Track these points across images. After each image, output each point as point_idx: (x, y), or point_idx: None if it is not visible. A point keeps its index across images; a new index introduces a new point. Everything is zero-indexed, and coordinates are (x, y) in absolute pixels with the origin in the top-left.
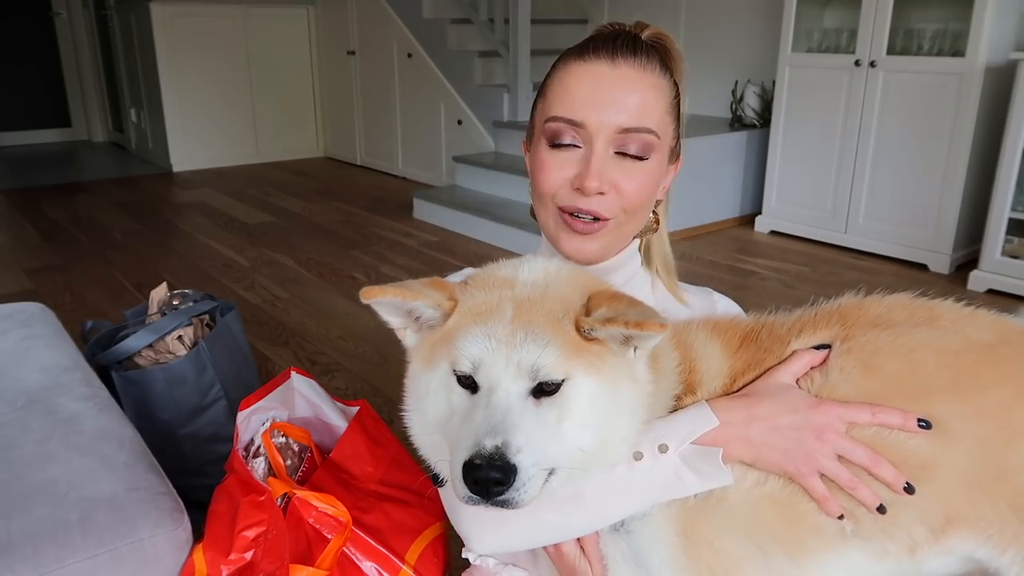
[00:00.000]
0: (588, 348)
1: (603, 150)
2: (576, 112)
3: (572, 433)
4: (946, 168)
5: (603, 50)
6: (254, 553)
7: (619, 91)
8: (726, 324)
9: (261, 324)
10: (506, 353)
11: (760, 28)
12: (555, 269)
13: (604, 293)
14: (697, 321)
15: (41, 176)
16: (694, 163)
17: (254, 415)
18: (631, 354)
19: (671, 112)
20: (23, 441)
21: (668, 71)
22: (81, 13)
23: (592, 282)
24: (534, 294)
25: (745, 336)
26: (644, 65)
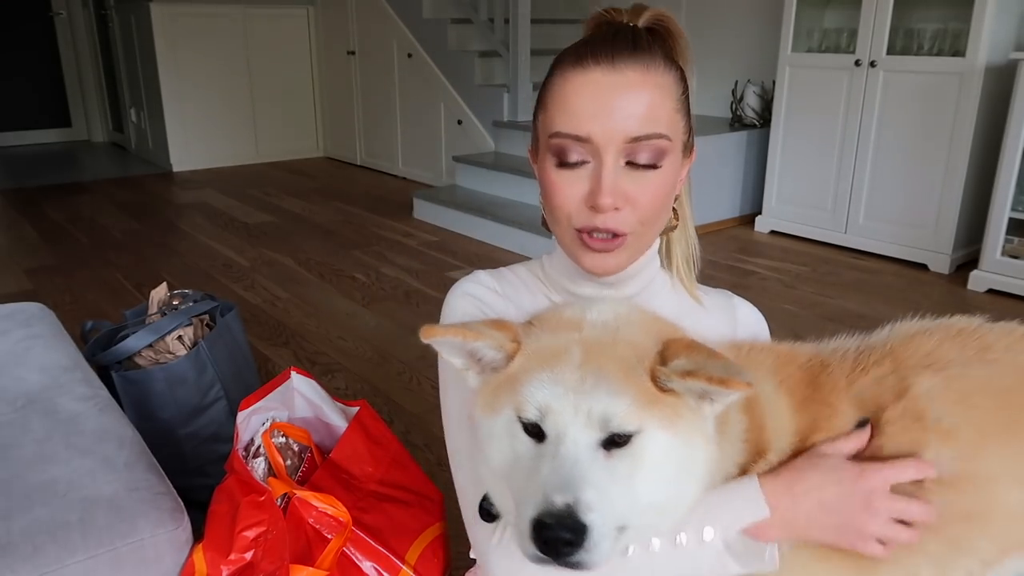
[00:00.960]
0: (663, 400)
1: (613, 163)
2: (580, 127)
3: (644, 489)
4: (946, 168)
5: (602, 54)
6: (254, 553)
7: (623, 98)
8: (787, 371)
9: (261, 324)
10: (575, 400)
11: (760, 28)
12: (625, 311)
13: (680, 342)
14: (760, 371)
15: (41, 176)
16: (694, 163)
17: (254, 415)
18: (706, 410)
19: (680, 107)
20: (23, 441)
21: (673, 62)
22: (81, 13)
23: (666, 328)
24: (604, 337)
25: (807, 385)
26: (647, 64)
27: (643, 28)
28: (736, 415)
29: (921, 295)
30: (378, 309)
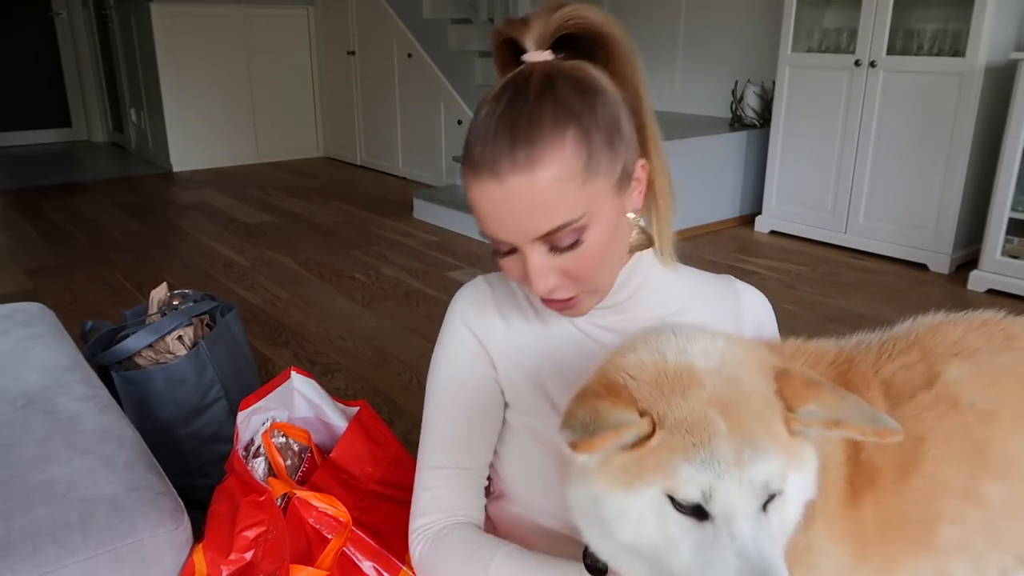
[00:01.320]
0: (793, 442)
1: (536, 256)
2: (491, 231)
3: (790, 531)
4: (946, 168)
5: (487, 162)
6: (254, 553)
7: (515, 212)
8: (819, 372)
9: (261, 324)
10: (738, 475)
11: (760, 28)
12: (724, 347)
13: (795, 379)
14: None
15: (41, 176)
16: (694, 163)
17: (254, 415)
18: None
19: (588, 170)
20: (23, 441)
21: (579, 106)
22: (81, 13)
23: (764, 356)
24: (732, 392)
25: (839, 383)
26: (531, 161)
27: (540, 73)
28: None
29: (921, 295)
30: (378, 309)
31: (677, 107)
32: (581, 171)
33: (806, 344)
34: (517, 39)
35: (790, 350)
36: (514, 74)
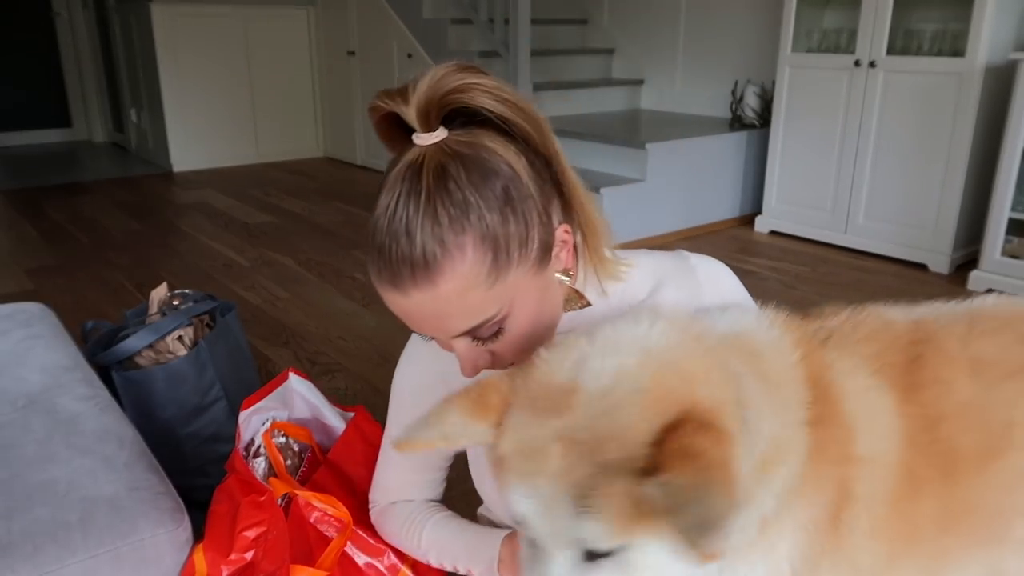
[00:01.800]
0: (645, 505)
1: (460, 346)
2: (413, 329)
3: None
4: (946, 168)
5: (387, 276)
6: (254, 553)
7: (426, 319)
8: (884, 354)
9: (261, 324)
10: (551, 520)
11: (760, 28)
12: (633, 367)
13: (686, 427)
14: (848, 358)
15: (41, 176)
16: (694, 163)
17: (255, 415)
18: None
19: (503, 254)
20: (23, 441)
21: (476, 204)
22: (81, 13)
23: (683, 392)
24: (595, 427)
25: (909, 365)
26: (435, 278)
27: (433, 166)
28: (795, 434)
29: (921, 295)
30: (378, 309)
31: (677, 107)
32: (487, 275)
33: (863, 315)
34: (401, 116)
35: (851, 324)
36: (407, 161)
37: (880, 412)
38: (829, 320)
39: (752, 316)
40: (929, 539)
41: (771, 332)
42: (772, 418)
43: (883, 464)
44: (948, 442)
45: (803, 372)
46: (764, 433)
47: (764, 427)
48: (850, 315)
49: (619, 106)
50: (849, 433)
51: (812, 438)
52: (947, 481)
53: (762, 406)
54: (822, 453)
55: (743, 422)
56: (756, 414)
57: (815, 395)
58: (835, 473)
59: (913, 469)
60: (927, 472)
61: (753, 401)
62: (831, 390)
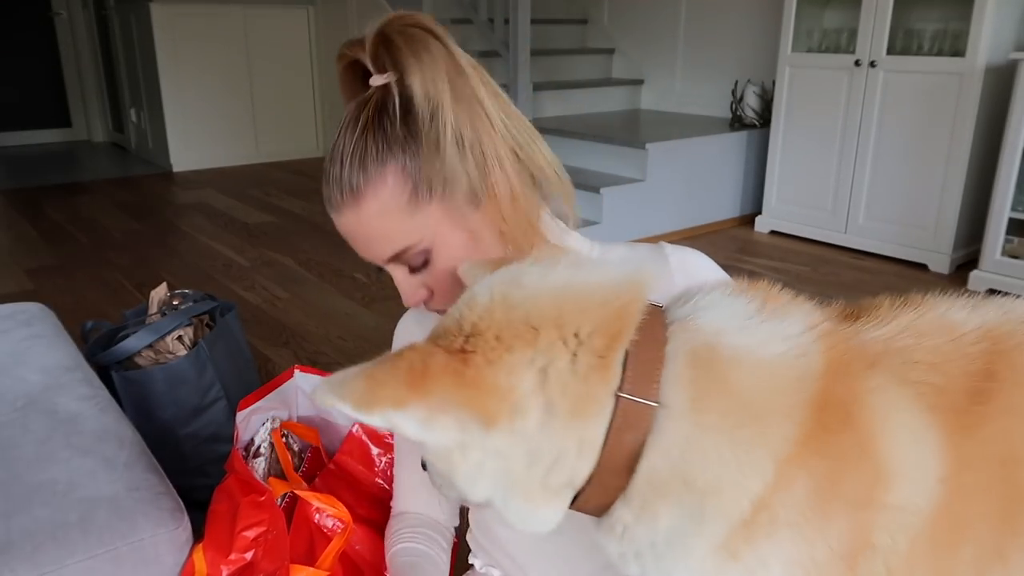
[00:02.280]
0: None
1: (398, 274)
2: (360, 254)
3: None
4: (946, 168)
5: (326, 197)
6: (254, 553)
7: (358, 240)
8: (938, 376)
9: (261, 324)
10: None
11: (760, 28)
12: (488, 288)
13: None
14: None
15: (41, 176)
16: (694, 163)
17: (253, 415)
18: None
19: (424, 187)
20: (23, 441)
21: (402, 138)
22: (81, 13)
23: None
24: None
25: (977, 384)
26: (359, 198)
27: (374, 104)
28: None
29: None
30: (378, 309)
31: (677, 107)
32: (407, 203)
33: (925, 319)
34: (361, 60)
35: (906, 337)
36: (358, 100)
37: (929, 457)
38: (887, 325)
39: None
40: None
41: (795, 349)
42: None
43: (920, 516)
44: (1013, 483)
45: (809, 394)
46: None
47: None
48: (913, 321)
49: (619, 106)
50: (880, 476)
51: (811, 471)
52: (1002, 525)
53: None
54: (831, 490)
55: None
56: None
57: (827, 423)
58: (850, 515)
59: (960, 517)
60: (976, 518)
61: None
62: (860, 422)
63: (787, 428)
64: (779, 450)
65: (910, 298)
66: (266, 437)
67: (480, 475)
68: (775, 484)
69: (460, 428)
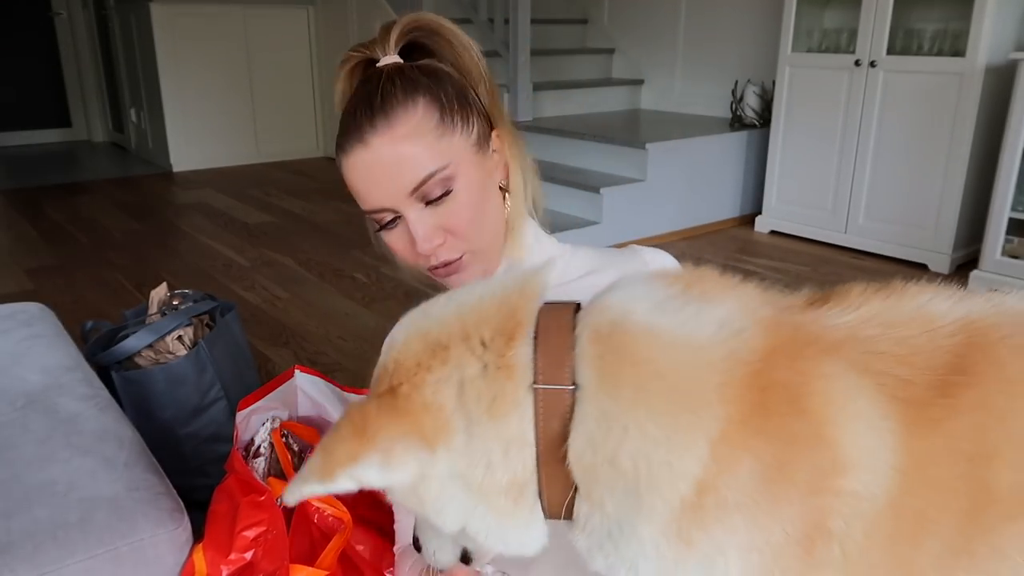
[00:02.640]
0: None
1: (413, 213)
2: (370, 202)
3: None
4: (946, 168)
5: (353, 137)
6: (254, 553)
7: (382, 168)
8: (913, 360)
9: (261, 324)
10: None
11: (760, 28)
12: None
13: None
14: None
15: (41, 176)
16: (694, 163)
17: (253, 415)
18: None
19: (441, 127)
20: (23, 441)
21: (426, 82)
22: (81, 13)
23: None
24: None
25: (948, 384)
26: (390, 123)
27: (391, 68)
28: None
29: None
30: (378, 309)
31: (677, 107)
32: (436, 126)
33: (901, 308)
34: (369, 55)
35: (875, 324)
36: (367, 74)
37: (884, 446)
38: (853, 312)
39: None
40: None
41: (723, 331)
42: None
43: (876, 504)
44: (980, 480)
45: (741, 375)
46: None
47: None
48: (885, 308)
49: (619, 106)
50: (834, 462)
51: (756, 454)
52: (967, 521)
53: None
54: (782, 473)
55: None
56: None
57: (770, 405)
58: (804, 499)
59: (921, 510)
60: (940, 512)
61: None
62: (811, 409)
63: (718, 407)
64: (711, 428)
65: (889, 285)
66: (266, 437)
67: (446, 503)
68: (717, 466)
69: (414, 459)
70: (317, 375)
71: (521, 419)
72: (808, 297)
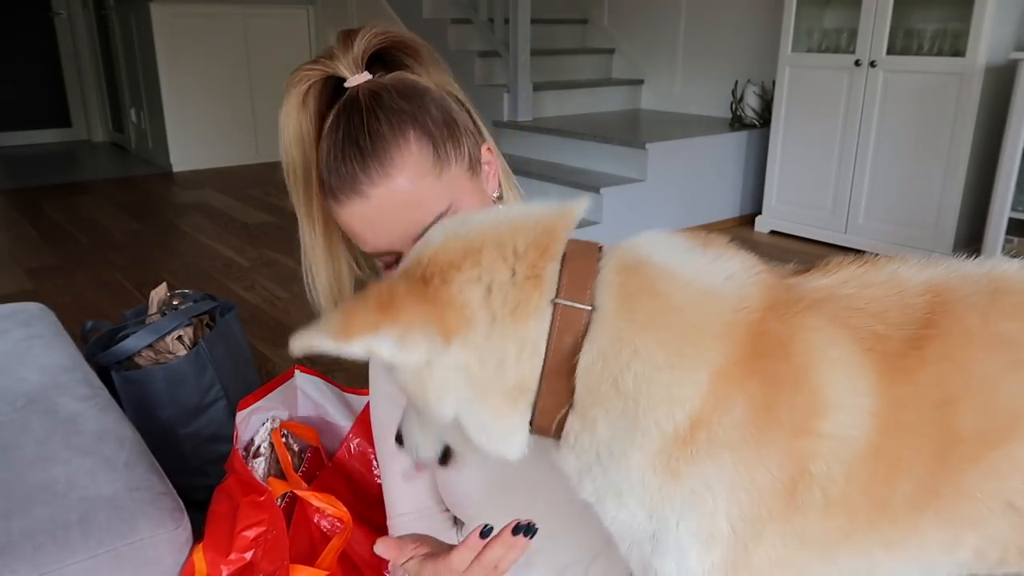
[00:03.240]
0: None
1: None
2: (373, 246)
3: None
4: (946, 168)
5: (347, 184)
6: (254, 553)
7: (387, 220)
8: (885, 316)
9: (261, 324)
10: None
11: (760, 28)
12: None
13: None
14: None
15: (41, 176)
16: (694, 163)
17: (253, 415)
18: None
19: (437, 163)
20: (23, 441)
21: (411, 110)
22: (81, 13)
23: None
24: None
25: (918, 337)
26: (388, 167)
27: (365, 92)
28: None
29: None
30: None
31: (677, 107)
32: (432, 164)
33: (874, 274)
34: (332, 72)
35: (851, 286)
36: (341, 102)
37: (861, 390)
38: (832, 275)
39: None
40: (899, 517)
41: (733, 282)
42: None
43: (855, 447)
44: (946, 424)
45: (745, 322)
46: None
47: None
48: (859, 274)
49: (619, 106)
50: (816, 406)
51: (749, 394)
52: (935, 463)
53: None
54: (770, 414)
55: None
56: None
57: (764, 351)
58: (789, 441)
59: (895, 452)
60: (912, 454)
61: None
62: (797, 355)
63: (723, 343)
64: (713, 362)
65: (863, 256)
66: (266, 437)
67: (446, 391)
68: (713, 401)
69: (427, 343)
70: (317, 375)
71: (538, 327)
72: (794, 269)
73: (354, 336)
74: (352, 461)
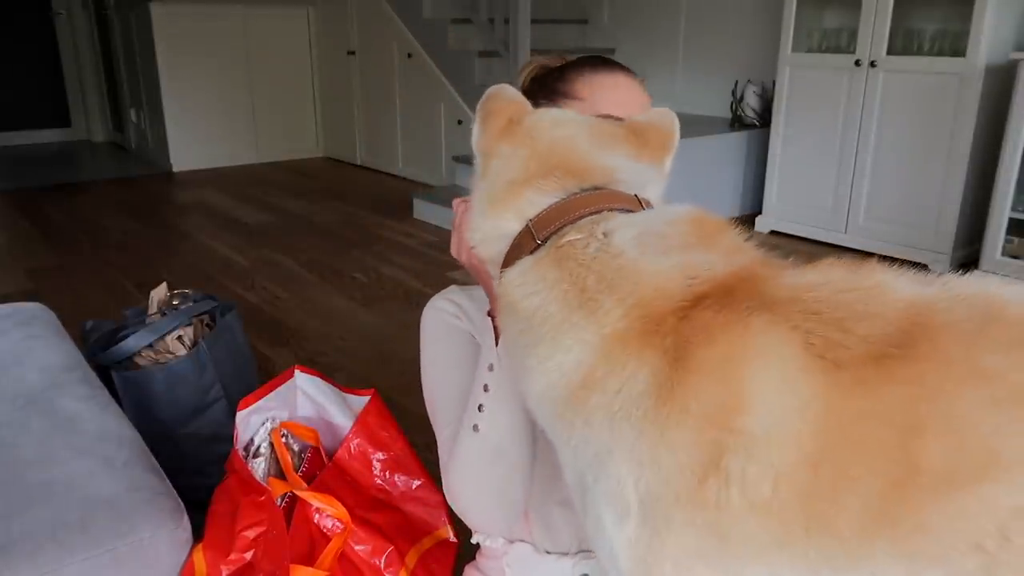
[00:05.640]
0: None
1: None
2: (623, 112)
3: None
4: (946, 168)
5: (604, 64)
6: (254, 553)
7: (633, 96)
8: (856, 329)
9: (261, 324)
10: None
11: (760, 28)
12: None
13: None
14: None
15: (41, 176)
16: (694, 163)
17: (253, 415)
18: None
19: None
20: (23, 441)
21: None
22: (81, 13)
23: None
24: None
25: (886, 356)
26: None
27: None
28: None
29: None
30: (378, 309)
31: (677, 107)
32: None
33: (861, 285)
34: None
35: (828, 290)
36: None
37: (802, 396)
38: (811, 275)
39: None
40: (846, 539)
41: (684, 271)
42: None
43: (783, 451)
44: (909, 451)
45: (669, 305)
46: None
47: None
48: (843, 278)
49: None
50: (734, 400)
51: (654, 370)
52: (891, 490)
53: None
54: (673, 397)
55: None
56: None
57: (687, 335)
58: (697, 430)
59: (840, 467)
60: (863, 474)
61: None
62: (723, 344)
63: (623, 311)
64: (604, 323)
65: (859, 261)
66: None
67: (489, 173)
68: (606, 364)
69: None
70: (317, 375)
71: (510, 226)
72: (793, 264)
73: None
74: (352, 461)
